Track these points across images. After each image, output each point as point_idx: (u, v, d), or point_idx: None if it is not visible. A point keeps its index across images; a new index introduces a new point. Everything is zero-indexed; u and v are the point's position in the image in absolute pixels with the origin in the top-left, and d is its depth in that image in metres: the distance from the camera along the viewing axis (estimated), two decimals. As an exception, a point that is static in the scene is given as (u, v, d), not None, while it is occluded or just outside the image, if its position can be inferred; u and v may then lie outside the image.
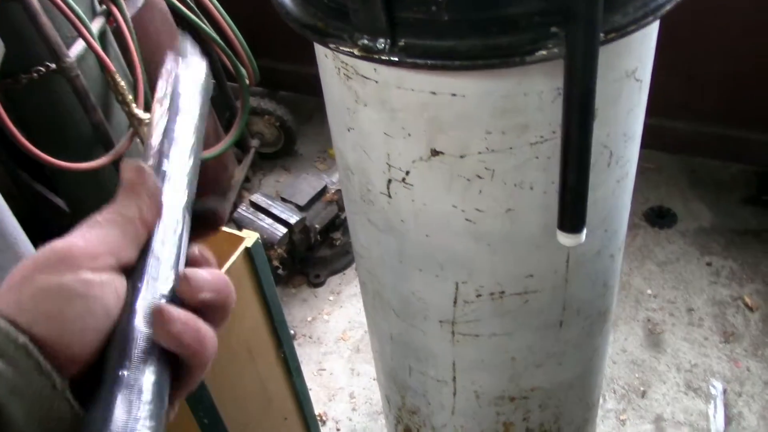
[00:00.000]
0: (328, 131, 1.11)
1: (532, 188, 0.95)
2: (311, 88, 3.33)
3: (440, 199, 0.98)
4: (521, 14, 0.77)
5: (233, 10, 2.52)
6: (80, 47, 1.86)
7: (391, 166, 0.98)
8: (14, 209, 1.40)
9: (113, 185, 0.48)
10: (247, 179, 3.11)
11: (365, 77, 0.90)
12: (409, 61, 0.81)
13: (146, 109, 2.07)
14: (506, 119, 0.87)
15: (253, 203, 2.56)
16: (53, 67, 1.81)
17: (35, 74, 1.82)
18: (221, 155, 2.64)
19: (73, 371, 0.41)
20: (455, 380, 1.30)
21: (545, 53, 0.78)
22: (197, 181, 0.52)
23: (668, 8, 0.82)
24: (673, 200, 2.77)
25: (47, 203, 2.37)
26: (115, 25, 2.01)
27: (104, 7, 1.98)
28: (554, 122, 0.88)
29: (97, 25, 1.91)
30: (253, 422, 1.70)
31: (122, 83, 1.92)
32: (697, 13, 2.38)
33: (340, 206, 2.64)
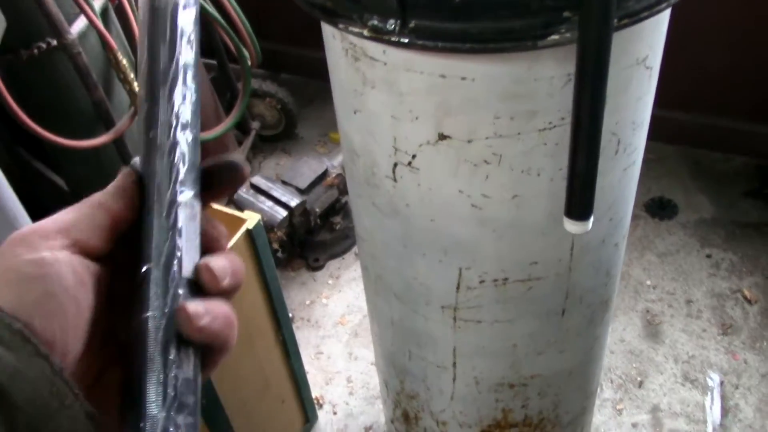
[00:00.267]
0: (329, 115, 1.10)
1: (539, 175, 0.94)
2: (313, 71, 3.34)
3: (446, 183, 0.97)
4: (534, -3, 0.76)
5: (237, -10, 2.50)
6: (82, 24, 1.84)
7: (397, 149, 0.97)
8: (13, 187, 1.39)
9: (113, 164, 0.49)
10: (247, 161, 3.10)
11: (374, 59, 0.89)
12: (419, 43, 0.80)
13: (148, 88, 2.06)
14: (515, 104, 0.86)
15: (253, 185, 2.55)
16: (54, 43, 1.79)
17: (36, 50, 1.80)
18: (222, 137, 2.63)
19: (61, 351, 0.41)
20: (455, 366, 1.29)
21: (557, 38, 0.77)
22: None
23: (682, -5, 0.81)
24: (674, 191, 2.77)
25: (46, 181, 2.35)
26: (117, 2, 1.99)
27: (107, -16, 1.96)
28: (563, 108, 0.87)
29: (99, 1, 1.89)
30: (250, 404, 1.70)
31: (124, 61, 1.90)
32: (703, 2, 2.37)
33: (340, 190, 2.63)
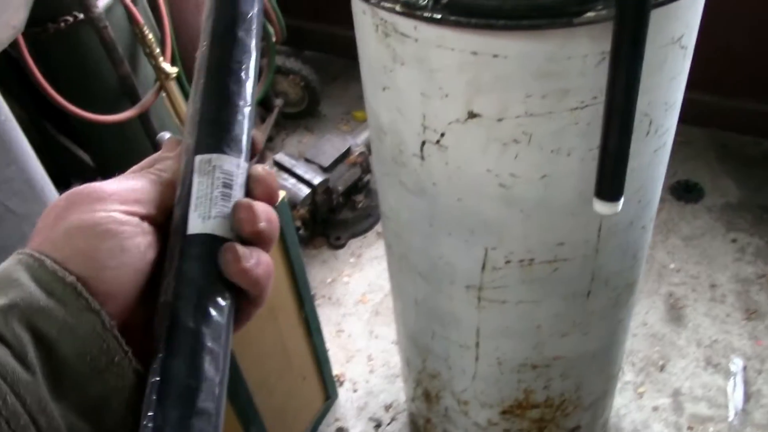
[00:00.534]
0: (352, 93, 1.09)
1: (569, 154, 0.93)
2: (338, 48, 3.34)
3: (475, 162, 0.97)
4: (571, -27, 0.75)
5: (262, -34, 2.49)
6: (109, -2, 1.85)
7: (426, 127, 0.96)
8: (39, 161, 1.40)
9: (138, 139, 0.49)
10: (269, 139, 3.09)
11: (404, 35, 0.88)
12: (452, 19, 0.79)
13: (173, 63, 2.06)
14: (547, 83, 0.85)
15: (276, 162, 2.55)
16: (81, 17, 1.80)
17: (63, 24, 1.80)
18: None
19: (113, 312, 0.41)
20: (478, 346, 1.29)
21: (593, 15, 0.76)
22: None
23: (723, -28, 0.79)
24: (700, 174, 2.73)
25: (72, 156, 2.37)
26: (143, -23, 2.00)
27: (133, -42, 1.96)
28: (596, 88, 0.86)
29: (126, -24, 1.89)
30: (272, 380, 1.71)
31: (150, 36, 1.90)
32: (736, -17, 2.33)
33: (363, 169, 2.63)
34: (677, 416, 2.00)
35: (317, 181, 2.44)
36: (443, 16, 0.79)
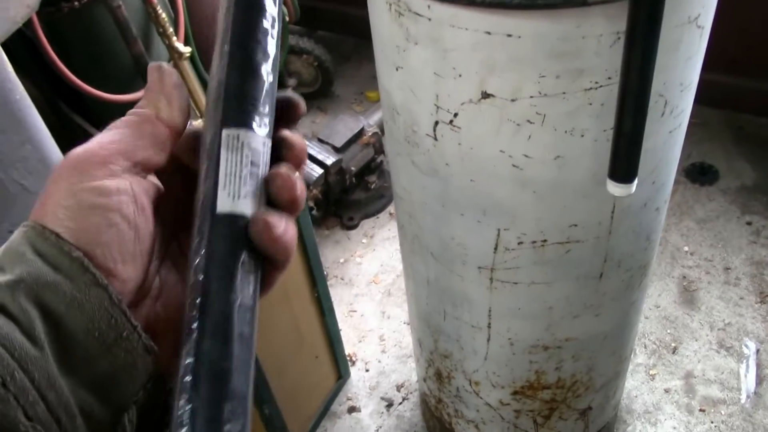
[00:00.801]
0: (365, 73, 1.08)
1: (583, 135, 0.92)
2: (351, 28, 3.32)
3: (488, 143, 0.96)
4: (586, -48, 0.74)
5: (275, -56, 2.48)
6: (122, -23, 1.84)
7: (439, 107, 0.96)
8: (54, 140, 1.40)
9: None
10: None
11: (418, 14, 0.87)
12: (465, -3, 0.79)
13: (186, 42, 2.06)
14: (562, 63, 0.84)
15: (289, 143, 2.55)
16: (95, -4, 1.80)
17: (77, 3, 1.80)
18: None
19: (119, 288, 0.40)
20: (490, 327, 1.29)
21: (609, -6, 0.75)
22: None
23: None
24: (715, 157, 2.71)
25: (87, 135, 2.38)
26: (157, -44, 1.99)
27: (147, -63, 1.95)
28: (611, 68, 0.85)
29: (139, -45, 1.89)
30: (285, 359, 1.72)
31: (163, 15, 1.90)
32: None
33: (376, 149, 2.63)
34: (689, 398, 2.00)
35: (330, 161, 2.44)
36: (457, -5, 0.79)
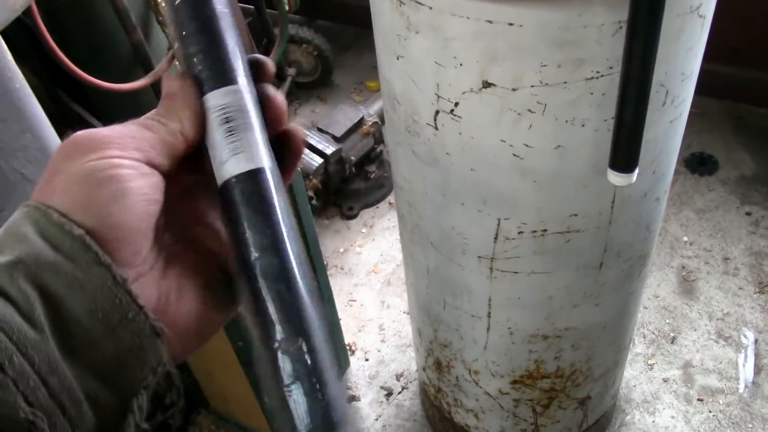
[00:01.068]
0: (365, 62, 1.08)
1: (583, 125, 0.92)
2: (350, 17, 3.31)
3: (488, 132, 0.96)
4: (588, -60, 0.74)
5: (275, -67, 2.47)
6: (122, -34, 1.84)
7: (439, 96, 0.96)
8: (54, 129, 1.40)
9: (152, 107, 0.46)
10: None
11: (419, 3, 0.87)
12: (467, -14, 0.79)
13: (186, 32, 2.05)
14: (563, 52, 0.84)
15: (289, 132, 2.54)
16: (94, -15, 1.80)
17: (76, -8, 1.80)
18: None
19: (124, 259, 0.39)
20: (490, 316, 1.30)
21: (610, -17, 0.75)
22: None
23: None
24: (715, 147, 2.71)
25: (86, 124, 2.38)
26: (156, -56, 1.98)
27: (146, -75, 1.94)
28: (612, 57, 0.85)
29: (138, -57, 1.88)
30: (285, 348, 1.72)
31: (163, 3, 1.89)
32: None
33: (376, 139, 2.62)
34: (687, 388, 2.01)
35: (330, 151, 2.44)
36: (458, -17, 0.79)
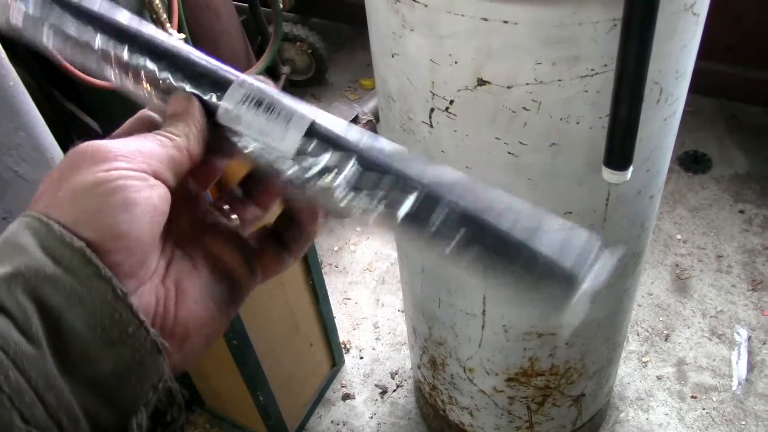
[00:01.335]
0: (359, 60, 1.08)
1: (578, 123, 0.93)
2: (345, 15, 3.31)
3: (483, 130, 0.96)
4: (583, -62, 0.74)
5: (269, -69, 2.46)
6: (115, -37, 1.83)
7: (434, 94, 0.96)
8: (48, 128, 1.40)
9: (144, 106, 0.46)
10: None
11: (414, 0, 0.87)
12: (462, -16, 0.79)
13: (180, 29, 2.05)
14: (558, 50, 0.84)
15: (283, 131, 2.54)
16: (88, -17, 1.79)
17: (70, -10, 1.80)
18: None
19: (129, 270, 0.39)
20: (485, 314, 1.30)
21: (605, -19, 0.75)
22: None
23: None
24: (708, 145, 2.72)
25: (80, 123, 2.37)
26: (150, -59, 1.97)
27: None
28: (607, 55, 0.85)
29: (132, -59, 1.88)
30: (280, 347, 1.72)
31: (157, 2, 1.89)
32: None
33: (370, 137, 2.62)
34: (681, 385, 2.02)
35: (324, 149, 2.43)
36: (453, -19, 0.79)
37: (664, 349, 2.12)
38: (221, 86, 0.45)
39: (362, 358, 2.18)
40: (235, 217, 0.50)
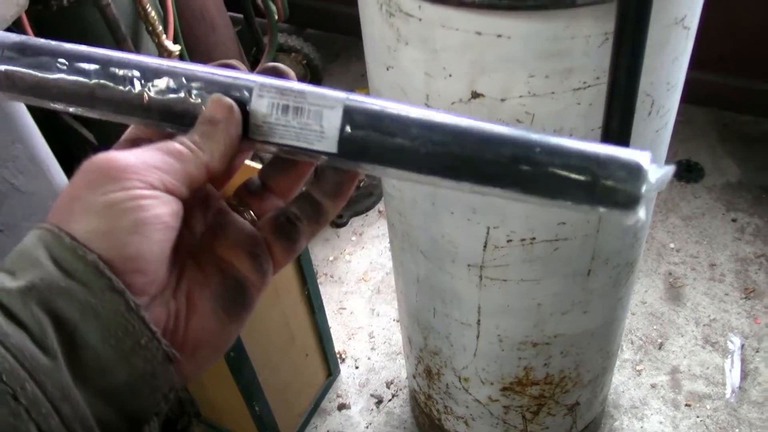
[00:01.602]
0: (354, 71, 1.09)
1: (571, 135, 0.94)
2: (339, 26, 3.33)
3: (478, 142, 0.97)
4: (575, -46, 0.75)
5: (264, -57, 2.48)
6: (111, -24, 1.84)
7: (429, 107, 0.97)
8: (44, 139, 1.41)
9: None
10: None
11: (408, 14, 0.88)
12: (456, -2, 0.80)
13: (176, 41, 2.06)
14: (551, 63, 0.86)
15: (278, 141, 2.55)
16: (84, -5, 1.80)
17: (66, 1, 1.80)
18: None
19: (141, 287, 0.39)
20: (479, 324, 1.31)
21: (597, -4, 0.77)
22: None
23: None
24: (701, 154, 2.74)
25: (76, 134, 2.37)
26: (145, -46, 1.99)
27: (135, -65, 1.94)
28: (599, 68, 0.86)
29: (128, -47, 1.89)
30: (276, 357, 1.73)
31: (153, 14, 1.90)
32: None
33: (365, 148, 2.63)
34: (675, 393, 2.03)
35: (319, 159, 2.44)
36: (448, -4, 0.80)
37: (658, 357, 2.13)
38: (239, 94, 0.43)
39: (358, 367, 2.19)
40: (250, 214, 0.50)
